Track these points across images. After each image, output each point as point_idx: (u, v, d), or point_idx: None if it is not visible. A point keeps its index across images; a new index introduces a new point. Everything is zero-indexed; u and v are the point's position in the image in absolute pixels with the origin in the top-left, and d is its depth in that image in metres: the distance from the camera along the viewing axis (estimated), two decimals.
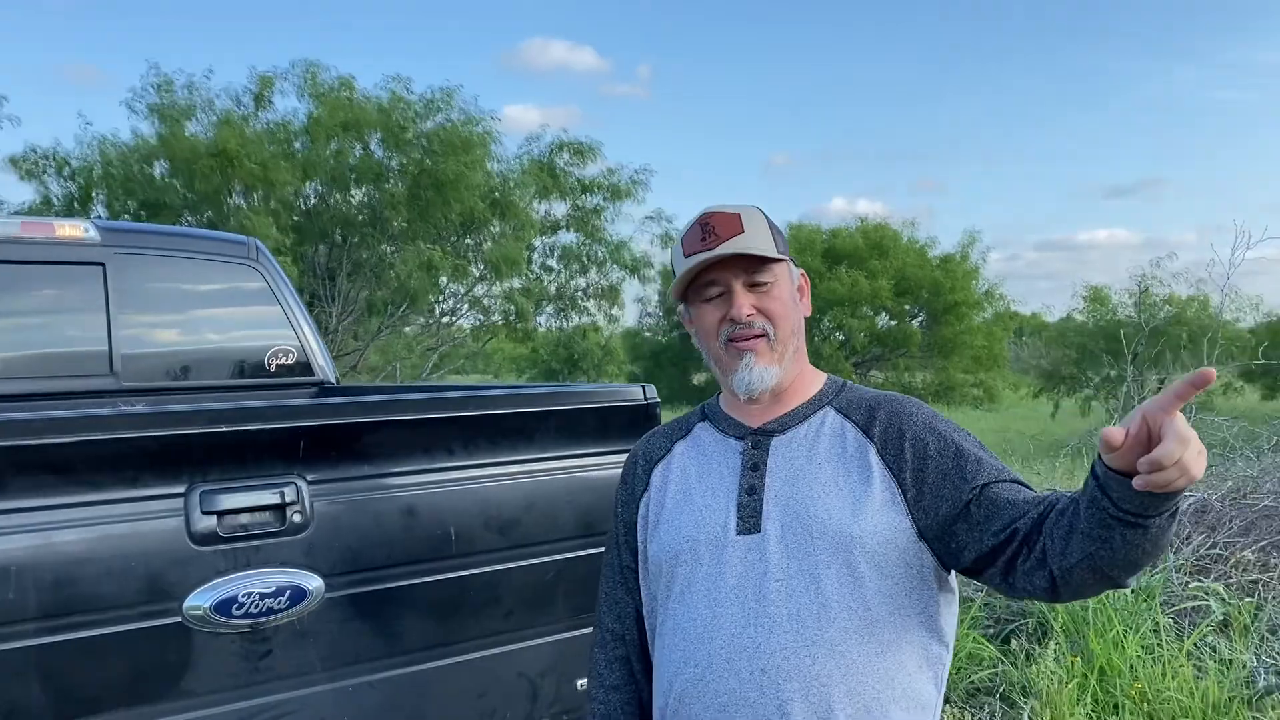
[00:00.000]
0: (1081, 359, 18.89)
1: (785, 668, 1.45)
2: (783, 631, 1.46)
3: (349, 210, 17.32)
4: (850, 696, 1.45)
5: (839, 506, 1.51)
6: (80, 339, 3.72)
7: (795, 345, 1.62)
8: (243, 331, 4.07)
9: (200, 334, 4.00)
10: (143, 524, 1.93)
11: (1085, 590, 1.39)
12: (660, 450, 1.71)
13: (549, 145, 18.50)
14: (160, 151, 16.75)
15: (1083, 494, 1.34)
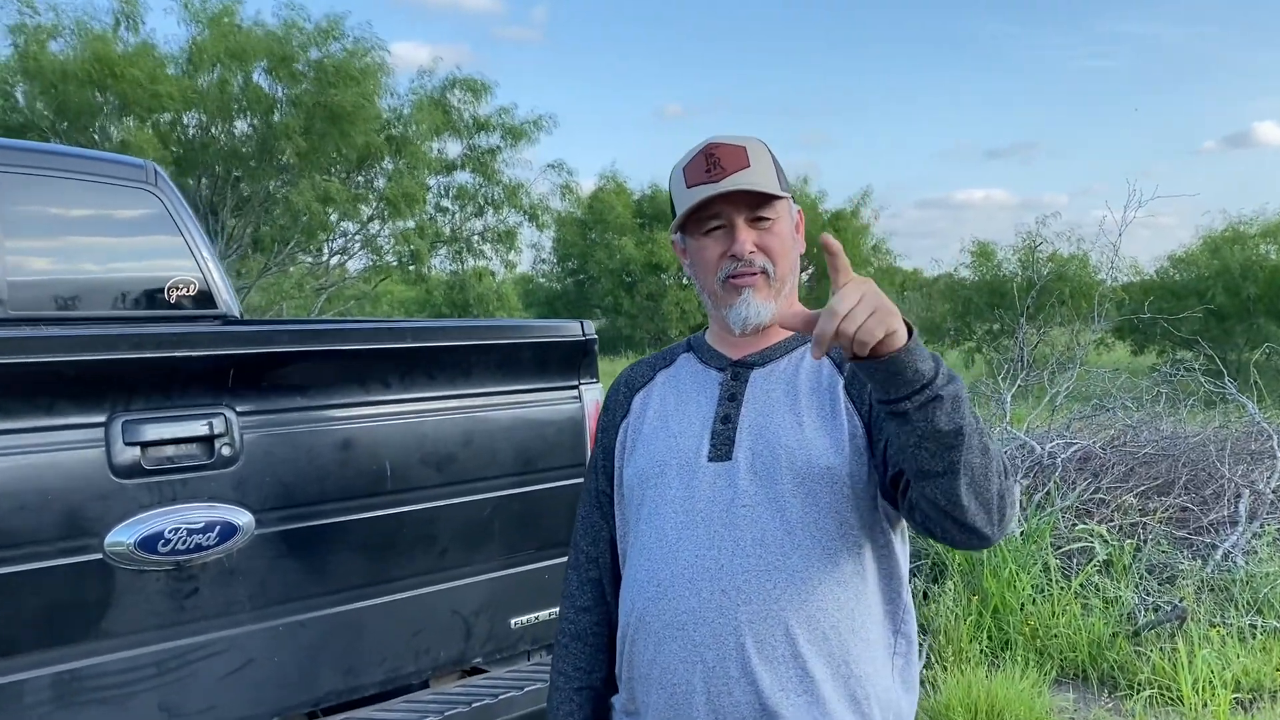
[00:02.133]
0: (966, 313, 19.53)
1: (745, 590, 1.47)
2: (746, 555, 1.48)
3: (234, 142, 16.55)
4: (808, 623, 1.47)
5: (808, 438, 1.51)
6: None
7: (791, 283, 1.60)
8: (141, 260, 3.84)
9: (94, 261, 3.76)
10: (60, 455, 1.80)
11: (945, 529, 1.40)
12: (643, 378, 1.70)
13: (442, 81, 18.01)
14: (20, 70, 15.69)
15: None
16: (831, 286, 1.32)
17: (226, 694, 1.97)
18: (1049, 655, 4.60)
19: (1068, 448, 6.52)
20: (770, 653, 1.46)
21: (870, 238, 31.87)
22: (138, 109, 15.26)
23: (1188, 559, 5.35)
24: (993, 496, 1.37)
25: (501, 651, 2.45)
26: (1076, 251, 18.03)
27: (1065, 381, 7.97)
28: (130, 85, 14.80)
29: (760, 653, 1.45)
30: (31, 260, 3.61)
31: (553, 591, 2.53)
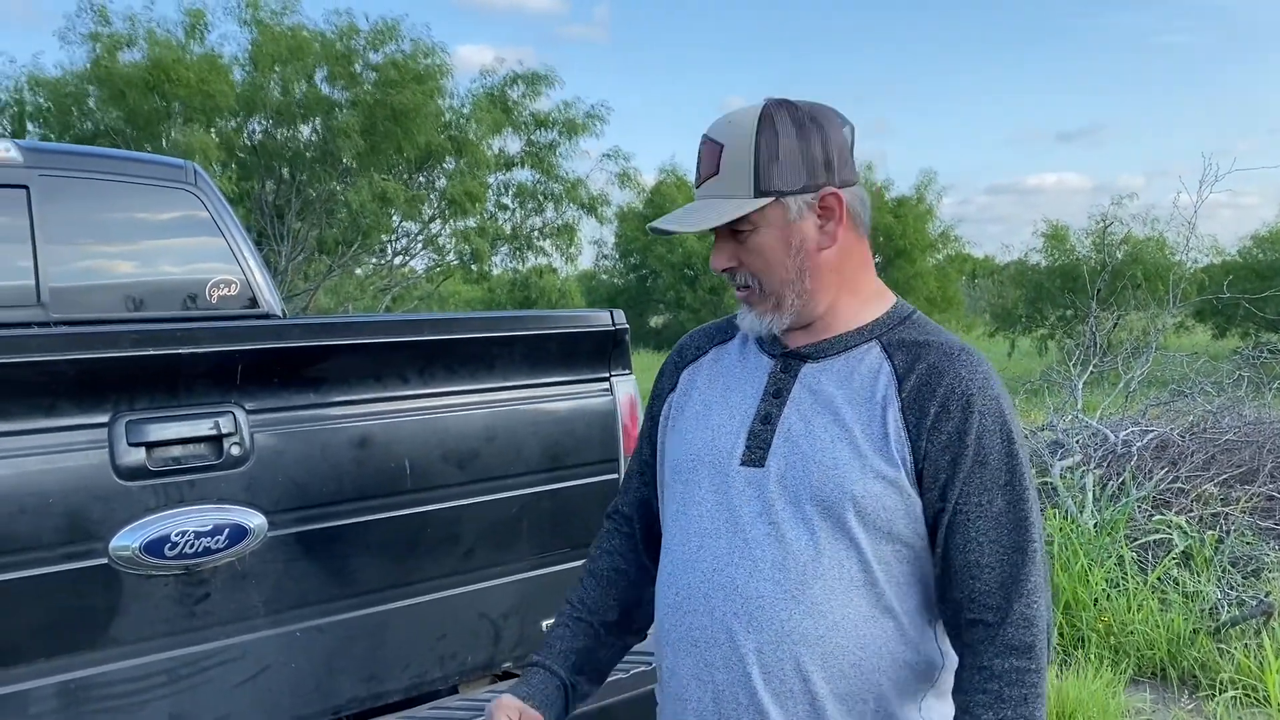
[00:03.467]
0: (1038, 298, 18.98)
1: (758, 617, 1.34)
2: (763, 579, 1.34)
3: (297, 145, 16.79)
4: (824, 659, 1.32)
5: (847, 457, 1.34)
6: (3, 269, 3.46)
7: (802, 288, 1.40)
8: (181, 261, 3.83)
9: (135, 264, 3.76)
10: (62, 457, 1.74)
11: None
12: (694, 352, 1.56)
13: (502, 79, 18.03)
14: (92, 78, 16.10)
15: None
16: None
17: (241, 703, 1.91)
18: (1124, 653, 4.39)
19: (1144, 435, 6.25)
20: (779, 686, 1.33)
21: (935, 223, 31.21)
22: (197, 113, 15.55)
23: (1275, 551, 5.06)
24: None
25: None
26: (1152, 233, 17.42)
27: (1140, 366, 7.65)
28: (186, 89, 15.07)
29: (768, 685, 1.33)
30: (73, 263, 3.61)
31: None
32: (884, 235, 29.58)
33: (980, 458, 1.32)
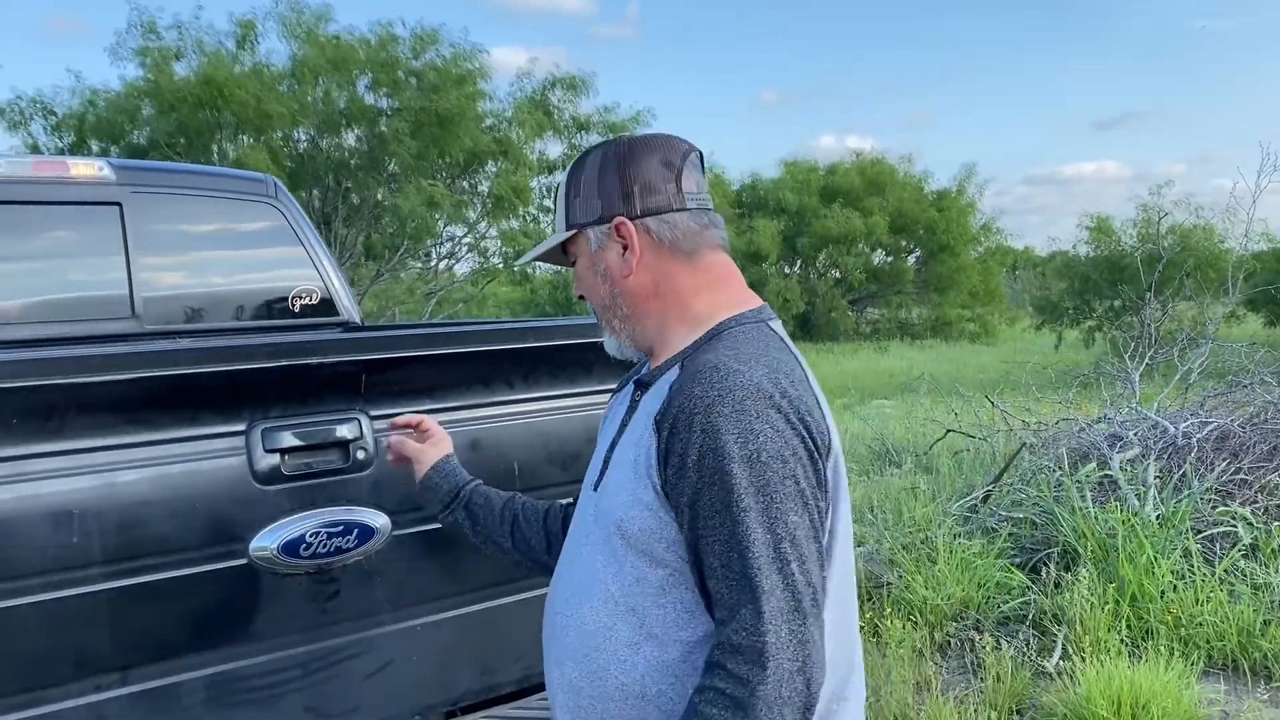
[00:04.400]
0: (1085, 290, 18.83)
1: (556, 634, 1.44)
2: (564, 599, 1.44)
3: (343, 154, 17.04)
4: (593, 680, 1.35)
5: (626, 481, 1.38)
6: (99, 281, 3.61)
7: (625, 313, 1.47)
8: (265, 271, 3.97)
9: (222, 274, 3.90)
10: (205, 463, 1.85)
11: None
12: (620, 384, 1.65)
13: (542, 82, 18.20)
14: (147, 93, 16.44)
15: None
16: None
17: (369, 694, 2.01)
18: (1194, 645, 4.39)
19: (1203, 427, 6.22)
20: (563, 701, 1.41)
21: (977, 216, 30.99)
22: (249, 126, 15.83)
23: None
24: None
25: None
26: (1200, 221, 17.20)
27: (1197, 357, 7.60)
28: (239, 105, 15.36)
29: (556, 700, 1.43)
30: (163, 275, 3.75)
31: None
32: (926, 229, 29.44)
33: (705, 479, 1.29)
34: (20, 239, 3.47)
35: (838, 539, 1.40)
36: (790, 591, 1.26)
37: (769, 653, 1.23)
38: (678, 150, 1.49)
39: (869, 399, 13.96)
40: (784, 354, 1.41)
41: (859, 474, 8.17)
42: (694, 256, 1.47)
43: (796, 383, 1.37)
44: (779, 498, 1.28)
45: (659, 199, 1.46)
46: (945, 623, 4.82)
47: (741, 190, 30.50)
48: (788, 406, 1.32)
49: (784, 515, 1.28)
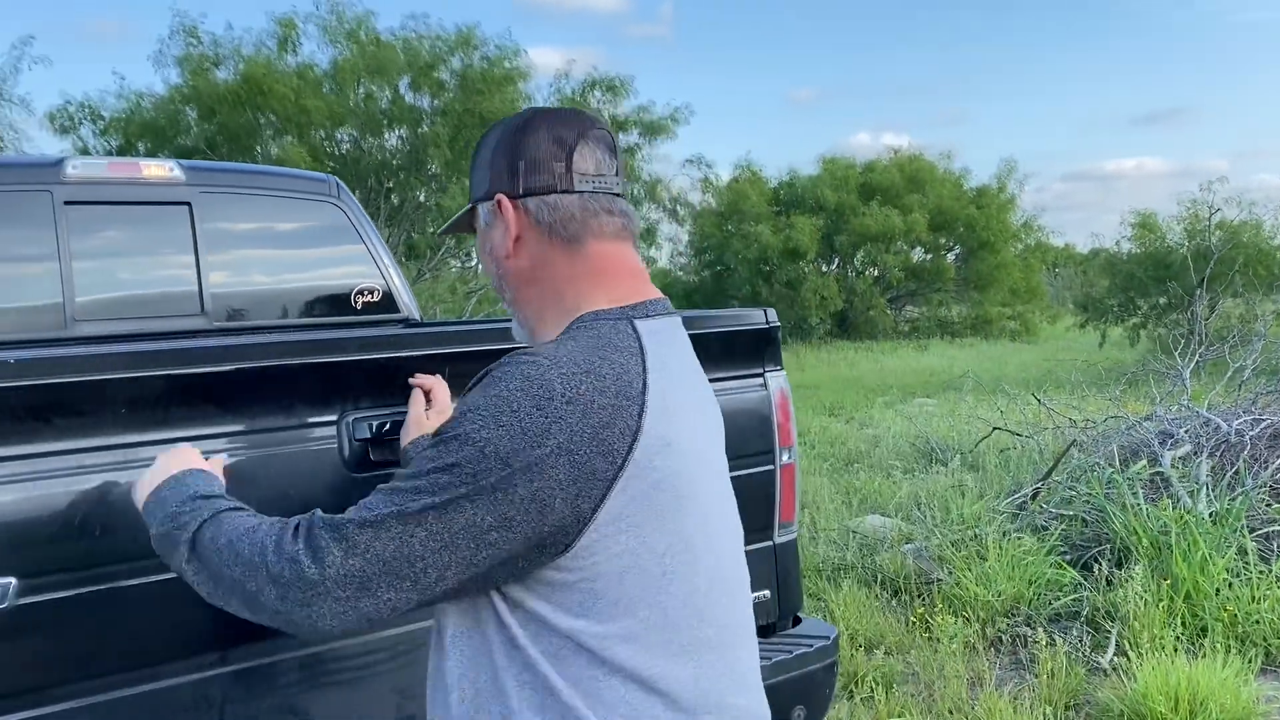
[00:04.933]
0: (1129, 288, 18.63)
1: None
2: None
3: (384, 154, 17.24)
4: (434, 688, 1.42)
5: None
6: (170, 279, 3.71)
7: (510, 296, 1.44)
8: (327, 269, 4.06)
9: (286, 272, 3.99)
10: (299, 452, 1.92)
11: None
12: None
13: (580, 84, 18.31)
14: (188, 97, 16.73)
15: None
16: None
17: None
18: (1251, 642, 4.37)
19: (1256, 424, 6.17)
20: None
21: (1018, 212, 30.71)
22: (290, 126, 16.05)
23: None
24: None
25: None
26: (1249, 217, 16.94)
27: (1250, 354, 7.52)
28: (279, 102, 15.57)
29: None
30: (229, 273, 3.86)
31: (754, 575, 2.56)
32: (965, 226, 29.21)
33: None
34: (97, 238, 3.57)
35: (650, 571, 1.26)
36: (359, 554, 1.21)
37: (301, 562, 1.23)
38: (576, 127, 1.38)
39: (910, 397, 13.90)
40: (627, 357, 1.28)
41: (903, 471, 8.17)
42: (575, 244, 1.37)
43: (609, 393, 1.24)
44: (443, 482, 1.20)
45: (543, 178, 1.36)
46: (997, 619, 4.83)
47: (779, 188, 30.42)
48: (566, 410, 1.21)
49: (446, 490, 1.20)
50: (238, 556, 1.29)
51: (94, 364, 1.76)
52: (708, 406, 1.47)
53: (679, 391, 1.34)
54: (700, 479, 1.34)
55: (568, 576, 1.24)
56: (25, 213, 3.45)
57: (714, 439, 1.46)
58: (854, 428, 11.27)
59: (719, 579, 1.37)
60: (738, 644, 1.41)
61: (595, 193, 1.37)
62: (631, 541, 1.24)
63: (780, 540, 2.61)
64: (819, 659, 2.53)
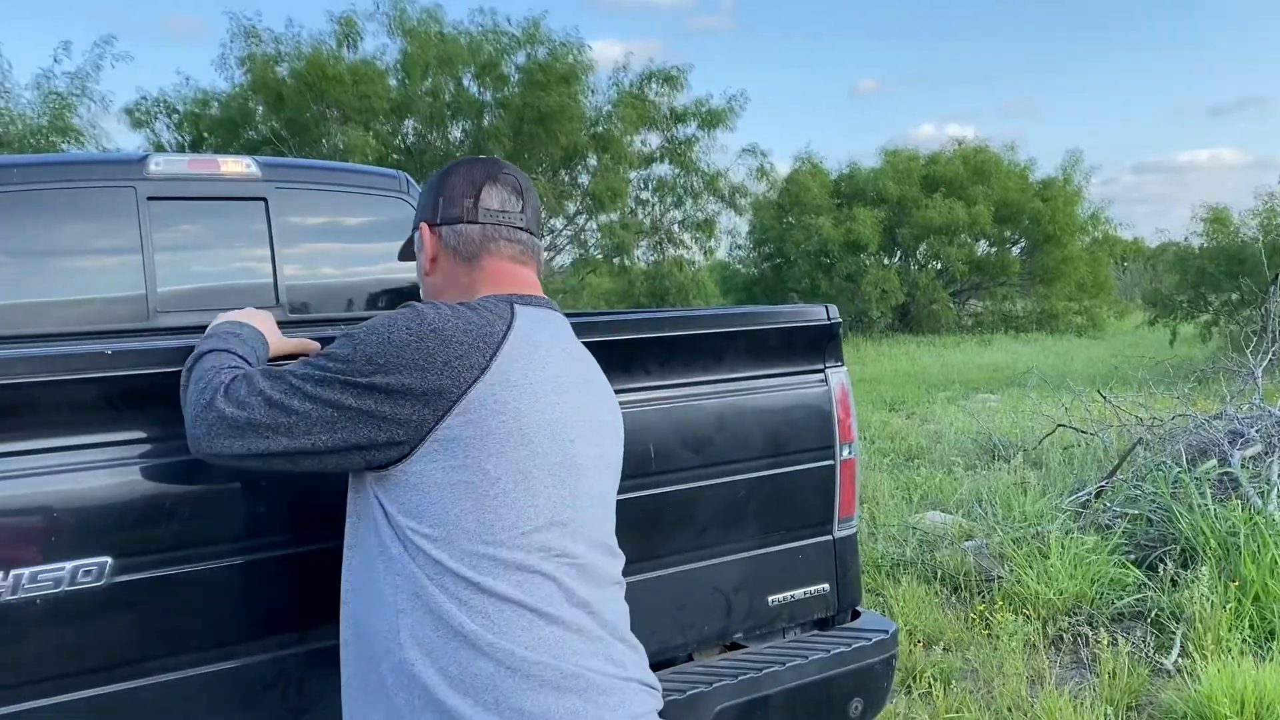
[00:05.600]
0: (1200, 284, 18.14)
1: None
2: None
3: (449, 147, 17.46)
4: (344, 587, 1.64)
5: None
6: (247, 272, 3.84)
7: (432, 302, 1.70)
8: (396, 262, 4.14)
9: (357, 265, 4.10)
10: None
11: None
12: None
13: (639, 76, 18.34)
14: (254, 89, 17.09)
15: None
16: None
17: None
18: None
19: None
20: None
21: (1085, 205, 30.05)
22: (354, 114, 16.31)
23: None
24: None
25: (760, 628, 2.53)
26: None
27: None
28: (340, 89, 15.81)
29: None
30: (302, 266, 3.97)
31: (804, 571, 2.60)
32: (1031, 219, 28.70)
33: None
34: (177, 232, 3.70)
35: (479, 489, 1.49)
36: (256, 405, 1.52)
37: (218, 398, 1.55)
38: (486, 173, 1.74)
39: (972, 392, 13.74)
40: (495, 319, 1.57)
41: (964, 468, 8.10)
42: (473, 260, 1.71)
43: (471, 334, 1.52)
44: (327, 366, 1.51)
45: (454, 211, 1.72)
46: (1058, 617, 4.79)
47: (840, 179, 30.14)
48: (430, 338, 1.50)
49: (337, 370, 1.50)
50: (201, 377, 1.61)
51: (182, 356, 1.85)
52: (587, 386, 1.69)
53: (543, 359, 1.59)
54: (561, 434, 1.57)
55: (411, 479, 1.50)
56: (111, 208, 3.59)
57: (589, 413, 1.66)
58: (915, 423, 11.18)
59: (568, 523, 1.57)
60: (587, 583, 1.58)
61: (497, 224, 1.72)
62: (468, 460, 1.49)
63: (840, 535, 2.63)
64: (877, 652, 2.55)
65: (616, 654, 1.58)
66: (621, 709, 1.53)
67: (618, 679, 1.55)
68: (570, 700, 1.48)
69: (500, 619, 1.48)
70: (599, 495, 1.66)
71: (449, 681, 1.47)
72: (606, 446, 1.70)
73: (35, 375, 1.68)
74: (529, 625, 1.49)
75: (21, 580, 1.65)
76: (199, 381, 1.61)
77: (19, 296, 3.46)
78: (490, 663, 1.46)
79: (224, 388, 1.56)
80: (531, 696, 1.46)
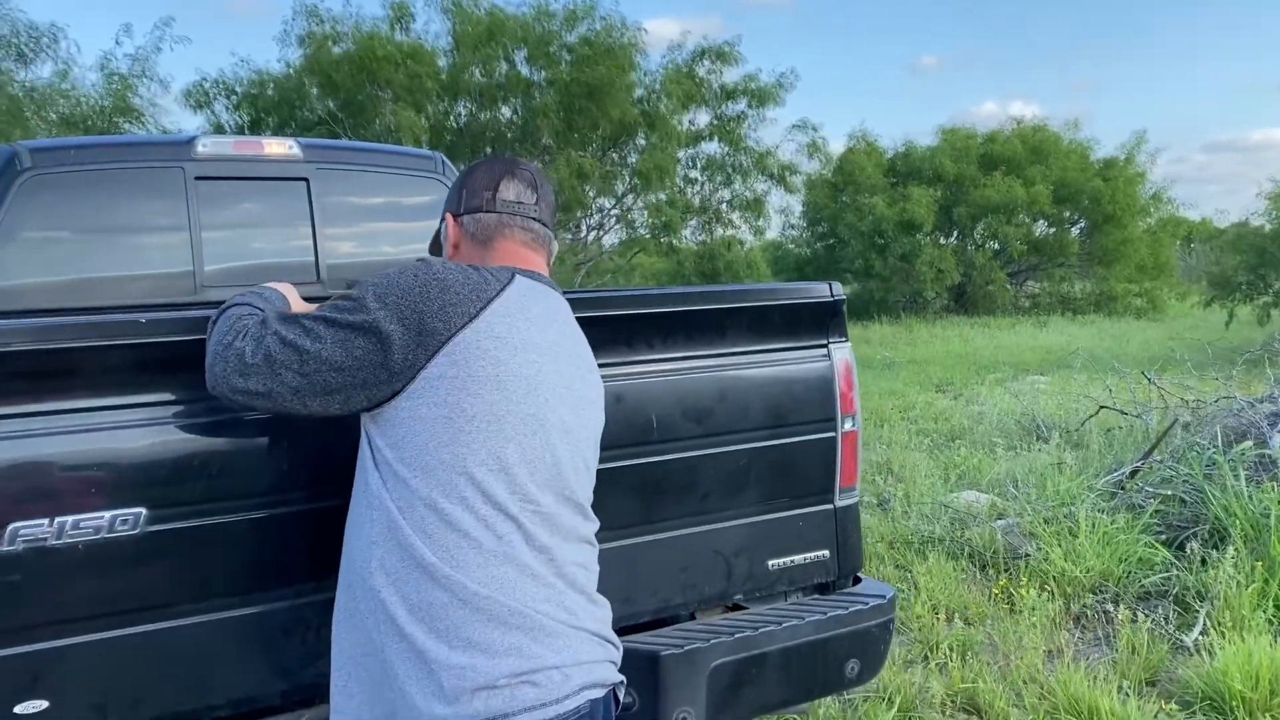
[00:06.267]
0: (1261, 264, 17.72)
1: None
2: None
3: (499, 126, 17.63)
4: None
5: None
6: (289, 250, 4.01)
7: None
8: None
9: (394, 244, 4.26)
10: None
11: None
12: None
13: (691, 53, 18.32)
14: (309, 71, 17.40)
15: None
16: None
17: None
18: None
19: None
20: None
21: (1147, 185, 29.39)
22: (407, 96, 16.53)
23: None
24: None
25: (760, 590, 2.64)
26: None
27: None
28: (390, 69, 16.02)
29: None
30: (342, 245, 4.14)
31: (805, 538, 2.70)
32: (1091, 199, 28.18)
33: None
34: (224, 210, 3.89)
35: (458, 421, 1.64)
36: (291, 328, 1.69)
37: (243, 342, 1.71)
38: (505, 169, 1.93)
39: (1023, 374, 13.63)
40: (493, 281, 1.73)
41: (1005, 448, 8.10)
42: (487, 244, 1.89)
43: (468, 287, 1.69)
44: (341, 306, 1.69)
45: (475, 202, 1.90)
46: (1083, 595, 4.83)
47: (895, 158, 29.82)
48: (432, 284, 1.67)
49: (343, 312, 1.68)
50: (224, 322, 1.79)
51: (202, 325, 2.01)
52: (574, 360, 1.84)
53: (530, 322, 1.75)
54: (536, 390, 1.71)
55: (401, 414, 1.66)
56: (161, 188, 3.78)
57: (572, 383, 1.80)
58: (960, 404, 11.15)
59: (537, 473, 1.70)
60: (549, 532, 1.71)
61: (511, 214, 1.90)
62: (449, 397, 1.64)
63: (841, 504, 2.73)
64: (874, 616, 2.65)
65: (569, 602, 1.70)
66: (565, 652, 1.64)
67: (566, 625, 1.67)
68: (515, 636, 1.60)
69: (459, 554, 1.61)
70: (572, 457, 1.77)
71: (409, 608, 1.61)
72: (585, 417, 1.84)
73: (77, 341, 1.85)
74: (484, 562, 1.62)
75: (65, 527, 1.82)
76: (222, 326, 1.77)
77: (77, 273, 3.67)
78: (445, 593, 1.60)
79: (244, 331, 1.72)
80: (479, 628, 1.59)
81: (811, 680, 2.59)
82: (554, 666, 1.63)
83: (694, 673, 2.39)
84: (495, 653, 1.60)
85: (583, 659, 1.68)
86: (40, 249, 3.60)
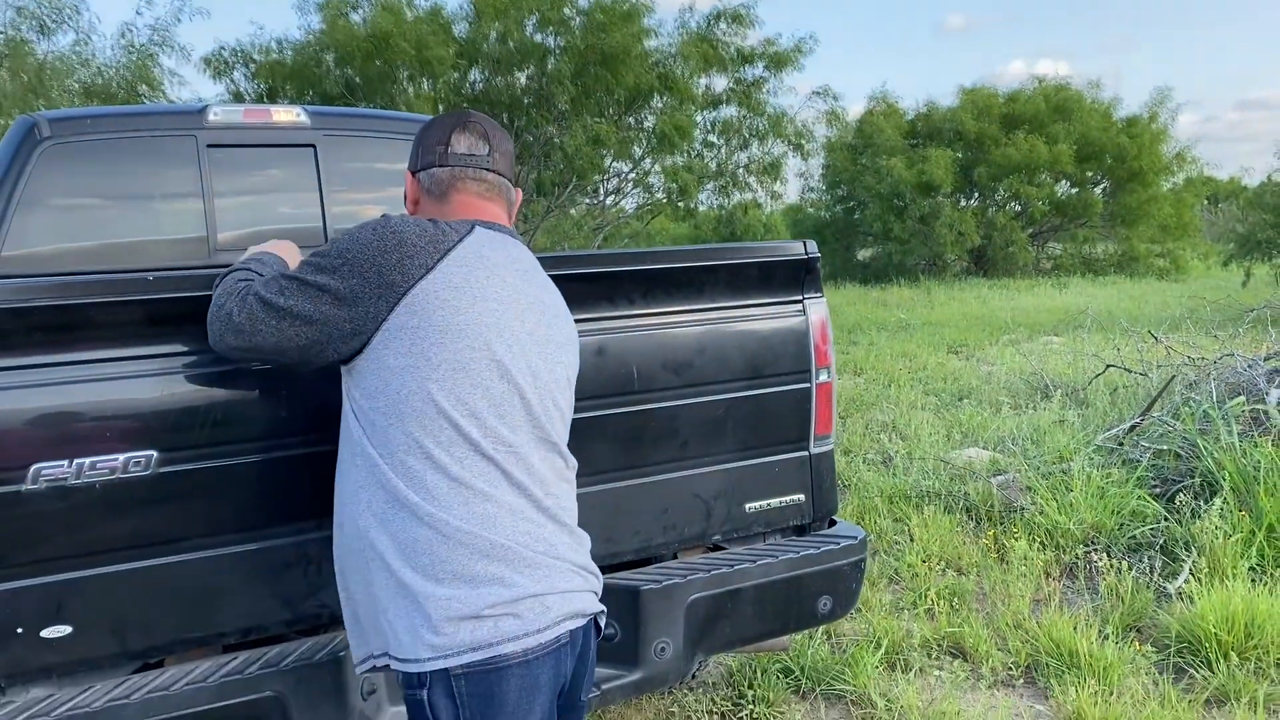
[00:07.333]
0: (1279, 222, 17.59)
1: None
2: None
3: (515, 92, 17.68)
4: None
5: None
6: (297, 216, 4.17)
7: None
8: None
9: (399, 208, 4.39)
10: None
11: None
12: None
13: (706, 16, 18.25)
14: (325, 42, 17.48)
15: None
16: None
17: None
18: None
19: None
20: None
21: (1171, 143, 29.02)
22: (423, 69, 16.60)
23: None
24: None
25: (739, 532, 2.79)
26: None
27: None
28: (404, 55, 16.11)
29: None
30: (351, 210, 4.29)
31: (781, 482, 2.85)
32: (1114, 158, 27.90)
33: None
34: (235, 177, 4.04)
35: (417, 372, 1.74)
36: (269, 288, 1.81)
37: (233, 304, 1.85)
38: (456, 122, 1.99)
39: (1038, 335, 13.66)
40: (451, 233, 1.82)
41: (1011, 407, 8.20)
42: (444, 198, 1.96)
43: (424, 239, 1.78)
44: (310, 263, 1.80)
45: (429, 158, 1.98)
46: (1074, 546, 4.96)
47: (915, 119, 29.62)
48: (390, 239, 1.77)
49: (310, 272, 1.79)
50: (223, 287, 1.94)
51: (209, 283, 2.16)
52: (540, 306, 1.93)
53: (489, 271, 1.84)
54: (499, 337, 1.80)
55: (372, 365, 1.77)
56: (175, 155, 3.94)
57: (538, 329, 1.89)
58: (972, 365, 11.23)
59: (507, 415, 1.80)
60: (526, 471, 1.82)
61: (464, 166, 1.96)
62: (414, 347, 1.74)
63: (816, 451, 2.88)
64: (845, 555, 2.80)
65: (549, 535, 1.82)
66: (545, 581, 1.77)
67: (546, 556, 1.79)
68: (497, 567, 1.74)
69: (439, 493, 1.73)
70: (541, 399, 1.87)
71: (397, 547, 1.74)
72: (554, 359, 1.93)
73: (92, 297, 2.01)
74: (465, 500, 1.74)
75: (83, 468, 2.00)
76: (220, 290, 1.92)
77: (96, 239, 3.84)
78: (430, 530, 1.72)
79: (237, 294, 1.86)
80: (462, 561, 1.72)
81: (785, 615, 2.75)
82: (534, 595, 1.76)
83: (672, 606, 2.55)
84: (479, 583, 1.72)
85: (562, 587, 1.80)
86: (61, 216, 3.76)
